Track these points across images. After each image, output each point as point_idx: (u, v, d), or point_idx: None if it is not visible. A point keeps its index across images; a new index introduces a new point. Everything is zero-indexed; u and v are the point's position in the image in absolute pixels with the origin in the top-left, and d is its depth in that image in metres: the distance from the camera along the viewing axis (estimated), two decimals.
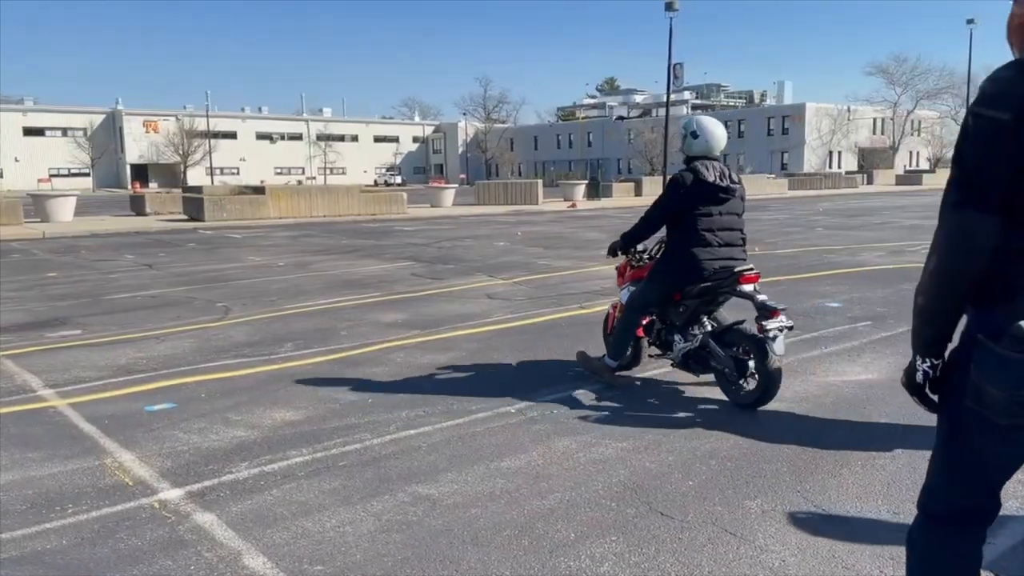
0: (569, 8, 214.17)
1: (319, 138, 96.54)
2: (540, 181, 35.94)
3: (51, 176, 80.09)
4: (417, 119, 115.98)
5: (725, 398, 5.25)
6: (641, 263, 5.76)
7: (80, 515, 3.71)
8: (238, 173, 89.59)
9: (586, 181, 41.23)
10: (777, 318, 4.89)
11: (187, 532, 3.52)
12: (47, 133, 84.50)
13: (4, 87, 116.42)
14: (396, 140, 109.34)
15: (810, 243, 16.56)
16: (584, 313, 8.84)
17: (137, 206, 29.78)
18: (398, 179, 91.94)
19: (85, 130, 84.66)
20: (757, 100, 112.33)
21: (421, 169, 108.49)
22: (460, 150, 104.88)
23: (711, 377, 5.43)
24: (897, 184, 58.22)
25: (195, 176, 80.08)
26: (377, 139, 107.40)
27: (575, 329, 7.95)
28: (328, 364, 6.73)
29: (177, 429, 5.00)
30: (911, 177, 60.05)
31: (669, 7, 37.03)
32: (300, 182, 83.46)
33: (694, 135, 5.26)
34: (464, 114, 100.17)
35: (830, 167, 77.52)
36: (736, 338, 5.14)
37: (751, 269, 5.15)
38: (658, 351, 5.76)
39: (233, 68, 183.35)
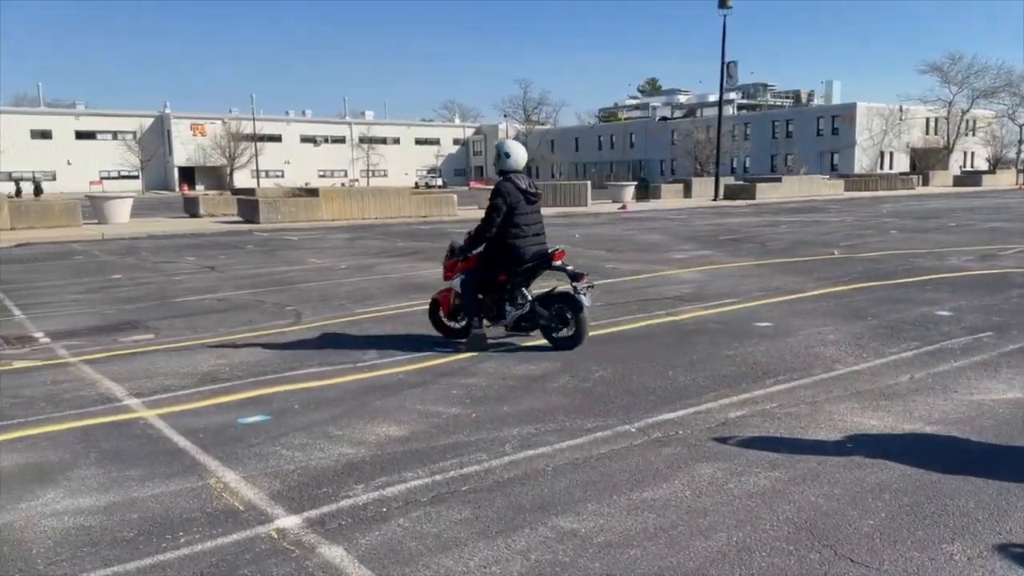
0: (608, 9, 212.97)
1: (362, 141, 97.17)
2: (589, 183, 35.38)
3: (102, 178, 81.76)
4: (457, 121, 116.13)
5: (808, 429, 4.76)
6: (467, 257, 7.07)
7: (195, 545, 3.38)
8: (283, 176, 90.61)
9: (635, 183, 40.50)
10: (584, 280, 6.89)
11: (318, 570, 3.16)
12: (98, 136, 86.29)
13: (57, 92, 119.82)
14: (437, 142, 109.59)
15: (888, 247, 15.82)
16: (675, 320, 8.37)
17: (191, 208, 30.00)
18: (439, 181, 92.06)
19: (134, 133, 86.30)
20: (804, 100, 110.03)
21: (461, 171, 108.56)
22: None
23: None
24: (955, 185, 56.45)
25: (241, 179, 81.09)
26: (418, 141, 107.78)
27: (671, 338, 7.49)
28: (417, 373, 6.38)
29: (277, 445, 4.68)
30: (969, 178, 58.20)
31: (722, 4, 36.23)
32: (343, 184, 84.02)
33: (506, 155, 6.96)
34: (505, 116, 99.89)
35: (881, 168, 75.53)
36: (556, 299, 6.99)
37: (558, 249, 6.99)
38: (488, 323, 7.12)
39: (278, 71, 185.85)
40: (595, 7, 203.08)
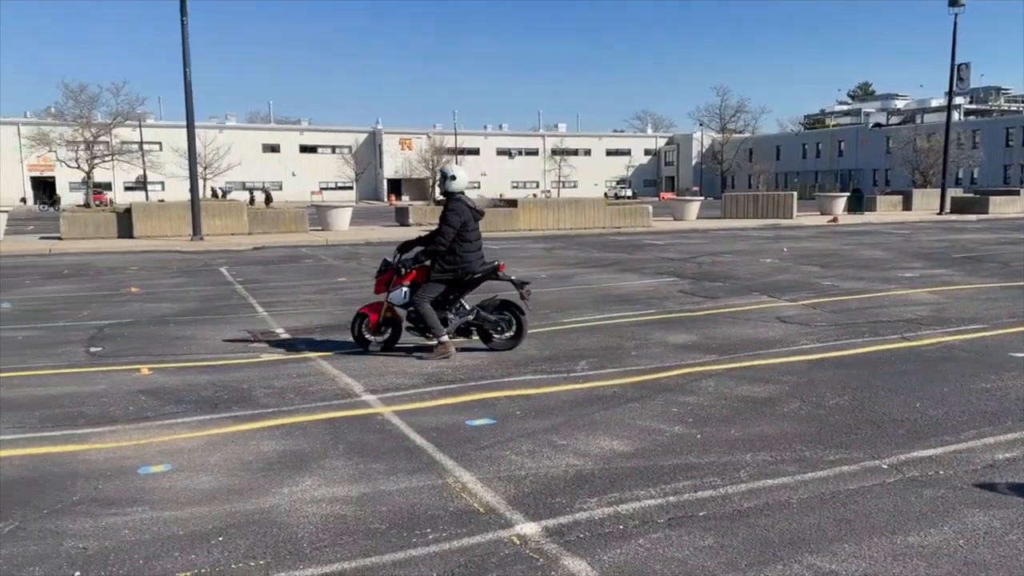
0: (817, 10, 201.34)
1: (554, 152, 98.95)
2: (795, 193, 33.49)
3: (321, 189, 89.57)
4: (649, 131, 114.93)
5: None
6: (410, 270, 7.43)
7: (442, 543, 3.50)
8: (479, 187, 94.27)
9: (847, 194, 37.78)
10: (527, 287, 7.65)
11: None
12: (319, 150, 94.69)
13: (285, 110, 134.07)
14: (628, 153, 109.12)
15: None
16: (914, 346, 7.63)
17: (401, 217, 31.99)
18: (628, 192, 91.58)
19: (350, 147, 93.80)
20: None
21: (651, 182, 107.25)
22: (694, 162, 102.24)
23: None
24: None
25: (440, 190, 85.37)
26: (609, 152, 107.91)
27: (913, 365, 6.83)
28: (632, 388, 6.27)
29: (506, 449, 4.77)
30: None
31: (953, 2, 32.97)
32: (535, 195, 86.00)
33: (452, 178, 7.52)
34: (700, 124, 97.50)
35: None
36: (500, 306, 7.61)
37: (500, 262, 7.72)
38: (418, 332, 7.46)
39: (480, 87, 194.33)
40: (801, 7, 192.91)
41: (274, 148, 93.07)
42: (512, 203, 28.63)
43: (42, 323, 9.68)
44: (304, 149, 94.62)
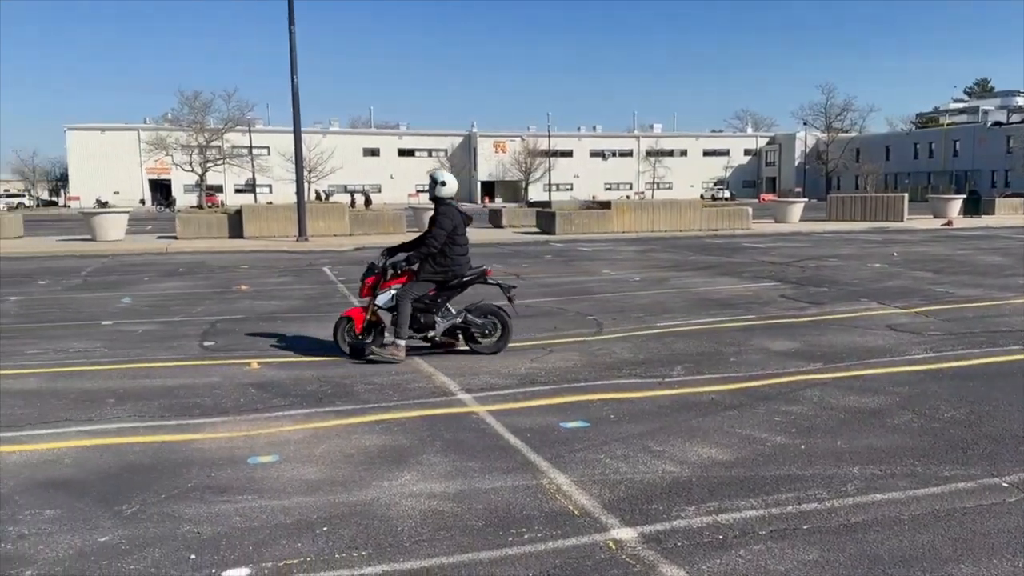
0: (926, 7, 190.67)
1: (648, 153, 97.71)
2: (905, 195, 31.86)
3: (418, 191, 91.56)
4: (750, 131, 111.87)
5: None
6: (398, 274, 7.50)
7: (537, 544, 3.51)
8: (572, 189, 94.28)
9: (963, 196, 35.65)
10: (513, 291, 7.85)
11: None
12: (416, 154, 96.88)
13: (384, 115, 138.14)
14: (726, 153, 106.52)
15: None
16: None
17: (495, 219, 32.36)
18: (726, 193, 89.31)
19: (446, 151, 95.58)
20: None
21: (751, 183, 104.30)
22: (797, 162, 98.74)
23: None
24: None
25: (533, 192, 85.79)
26: (706, 153, 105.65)
27: None
28: (731, 395, 6.12)
29: (600, 453, 4.74)
30: None
31: None
32: (628, 197, 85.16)
33: (441, 183, 7.60)
34: (804, 124, 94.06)
35: None
36: (486, 310, 7.68)
37: (487, 267, 7.89)
38: (413, 334, 7.44)
39: (573, 89, 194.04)
40: (911, 5, 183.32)
41: (374, 152, 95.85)
42: (605, 205, 28.46)
43: (160, 318, 10.30)
44: (402, 153, 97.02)
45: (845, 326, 9.04)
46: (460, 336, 7.68)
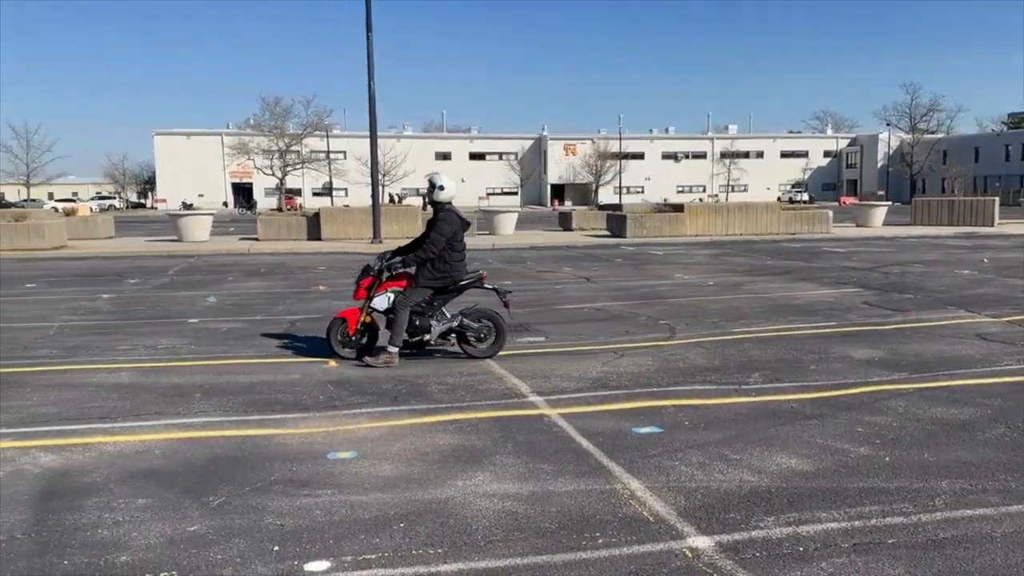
0: (1018, 3, 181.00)
1: (723, 155, 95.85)
2: (996, 199, 30.34)
3: (488, 194, 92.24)
4: (830, 132, 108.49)
5: None
6: (393, 277, 7.54)
7: (612, 549, 3.50)
8: (643, 191, 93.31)
9: None
10: (509, 296, 7.85)
11: None
12: (487, 157, 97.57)
13: (456, 119, 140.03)
14: (805, 155, 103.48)
15: None
16: None
17: (564, 222, 32.33)
18: (804, 196, 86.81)
19: (516, 154, 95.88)
20: None
21: (830, 185, 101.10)
22: (879, 164, 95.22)
23: None
24: None
25: (603, 195, 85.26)
26: (784, 155, 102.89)
27: None
28: (811, 404, 5.95)
29: (675, 459, 4.68)
30: None
31: None
32: (701, 199, 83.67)
33: (440, 188, 7.57)
34: (887, 125, 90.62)
35: None
36: (482, 315, 7.71)
37: (483, 272, 7.92)
38: (407, 337, 7.44)
39: (647, 91, 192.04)
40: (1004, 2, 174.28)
41: (446, 156, 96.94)
42: (678, 207, 28.05)
43: (243, 316, 10.68)
44: (473, 156, 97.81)
45: (932, 335, 8.68)
46: (454, 339, 7.71)
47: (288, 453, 4.90)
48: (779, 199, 77.72)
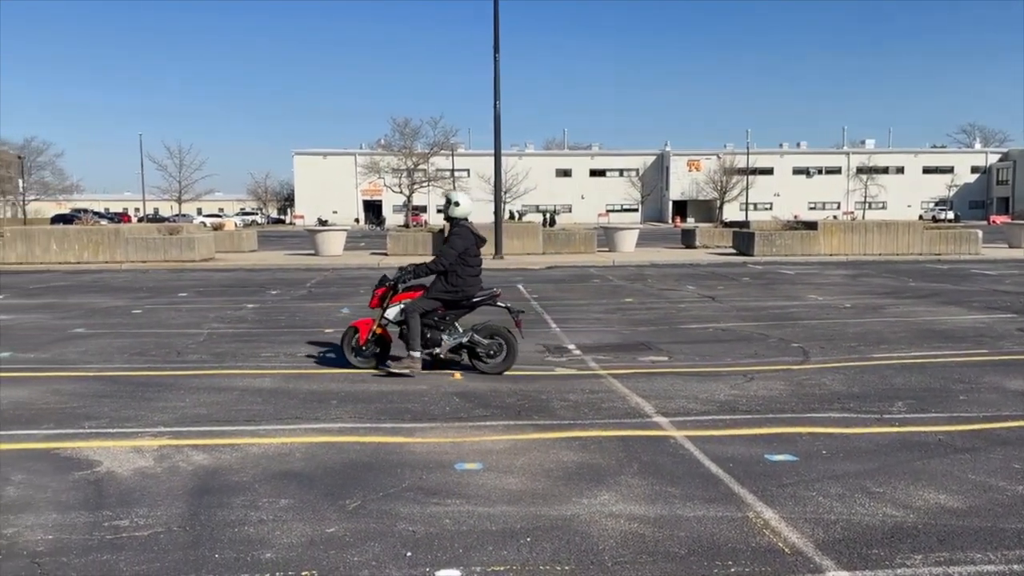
0: None
1: (859, 171, 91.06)
2: None
3: (608, 211, 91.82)
4: (978, 146, 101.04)
5: None
6: (408, 288, 7.81)
7: None
8: (771, 208, 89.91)
9: None
10: (521, 315, 7.95)
11: None
12: (607, 174, 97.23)
13: (578, 137, 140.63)
14: (950, 171, 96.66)
15: None
16: None
17: (687, 239, 31.69)
18: (950, 214, 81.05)
19: (637, 170, 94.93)
20: None
21: (978, 203, 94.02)
22: None
23: None
24: None
25: (729, 211, 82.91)
26: (927, 170, 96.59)
27: None
28: (961, 437, 5.53)
29: (811, 490, 4.47)
30: None
31: None
32: (835, 216, 79.77)
33: (455, 204, 7.81)
34: None
35: None
36: (493, 331, 7.75)
37: (497, 288, 8.17)
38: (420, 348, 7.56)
39: (777, 106, 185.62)
40: None
41: (566, 172, 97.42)
42: (811, 225, 26.88)
43: None
44: (593, 173, 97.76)
45: None
46: (465, 354, 7.79)
47: (418, 461, 5.05)
48: (921, 217, 72.97)
